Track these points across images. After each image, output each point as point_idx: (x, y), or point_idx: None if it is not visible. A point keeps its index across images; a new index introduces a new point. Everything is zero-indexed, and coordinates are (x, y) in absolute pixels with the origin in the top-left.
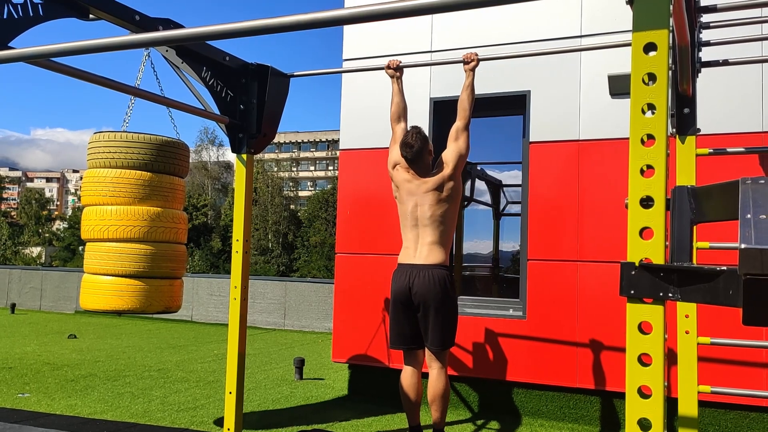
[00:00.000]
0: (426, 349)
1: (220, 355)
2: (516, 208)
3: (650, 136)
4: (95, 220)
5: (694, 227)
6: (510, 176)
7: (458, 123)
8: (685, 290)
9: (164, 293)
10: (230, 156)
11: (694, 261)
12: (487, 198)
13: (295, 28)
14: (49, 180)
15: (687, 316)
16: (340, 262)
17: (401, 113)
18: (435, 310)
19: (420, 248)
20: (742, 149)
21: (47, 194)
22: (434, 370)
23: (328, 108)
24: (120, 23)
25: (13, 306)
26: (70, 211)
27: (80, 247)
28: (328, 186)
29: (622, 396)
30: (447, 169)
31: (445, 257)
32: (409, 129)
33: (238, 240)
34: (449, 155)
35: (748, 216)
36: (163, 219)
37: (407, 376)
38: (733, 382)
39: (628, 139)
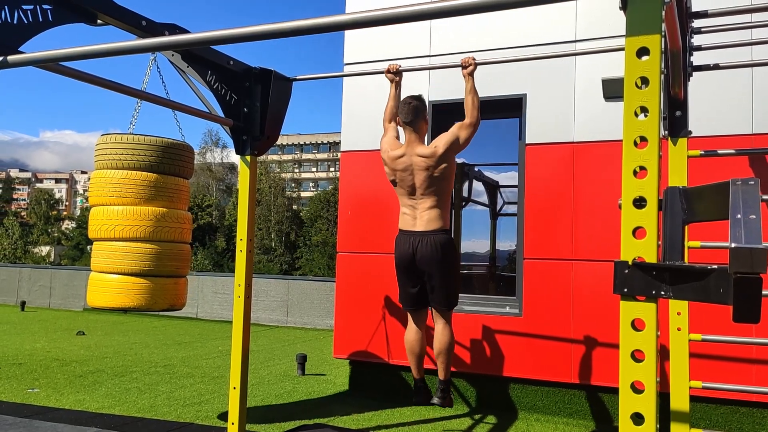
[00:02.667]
0: (432, 308)
1: (224, 351)
2: (512, 209)
3: (643, 138)
4: (102, 220)
5: (686, 227)
6: (507, 177)
7: (465, 121)
8: (677, 288)
9: (169, 291)
10: (234, 157)
11: (686, 260)
12: (485, 199)
13: (298, 33)
14: (58, 181)
15: (679, 314)
16: (342, 261)
17: (394, 116)
18: (440, 274)
19: (419, 215)
20: (733, 151)
21: (56, 195)
22: (439, 326)
23: (329, 111)
24: (127, 28)
25: (23, 304)
26: (78, 211)
27: (88, 246)
28: (330, 187)
29: (615, 391)
30: (438, 149)
31: (444, 222)
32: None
33: (242, 239)
34: (442, 138)
35: (739, 216)
36: (168, 219)
37: (412, 333)
38: (724, 378)
39: (621, 141)
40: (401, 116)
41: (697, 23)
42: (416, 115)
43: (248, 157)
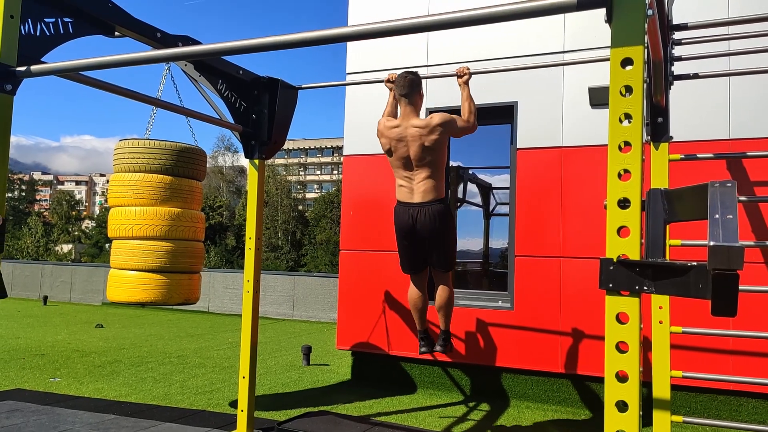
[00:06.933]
0: (432, 269)
1: (234, 343)
2: (504, 209)
3: (627, 143)
4: (121, 220)
5: (667, 226)
6: (499, 180)
7: (462, 118)
8: (659, 284)
9: (184, 286)
10: (244, 161)
11: (667, 257)
12: (478, 200)
13: (303, 44)
14: (78, 183)
15: (661, 308)
16: (344, 258)
17: (392, 115)
18: (439, 241)
19: (416, 187)
20: (711, 155)
21: (77, 196)
22: (439, 285)
23: (333, 117)
24: (143, 40)
25: (45, 298)
26: (97, 211)
27: (107, 245)
28: (333, 189)
29: (601, 380)
30: (433, 120)
31: (439, 192)
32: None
33: (250, 238)
34: (438, 116)
35: (717, 216)
36: (182, 219)
37: (414, 292)
38: (703, 368)
39: (606, 145)
40: (397, 89)
41: (677, 35)
42: (412, 89)
43: (257, 161)
